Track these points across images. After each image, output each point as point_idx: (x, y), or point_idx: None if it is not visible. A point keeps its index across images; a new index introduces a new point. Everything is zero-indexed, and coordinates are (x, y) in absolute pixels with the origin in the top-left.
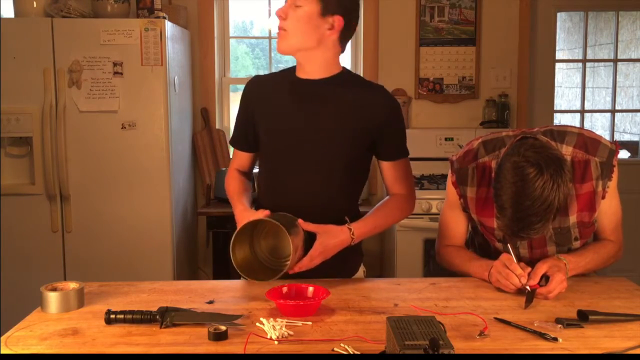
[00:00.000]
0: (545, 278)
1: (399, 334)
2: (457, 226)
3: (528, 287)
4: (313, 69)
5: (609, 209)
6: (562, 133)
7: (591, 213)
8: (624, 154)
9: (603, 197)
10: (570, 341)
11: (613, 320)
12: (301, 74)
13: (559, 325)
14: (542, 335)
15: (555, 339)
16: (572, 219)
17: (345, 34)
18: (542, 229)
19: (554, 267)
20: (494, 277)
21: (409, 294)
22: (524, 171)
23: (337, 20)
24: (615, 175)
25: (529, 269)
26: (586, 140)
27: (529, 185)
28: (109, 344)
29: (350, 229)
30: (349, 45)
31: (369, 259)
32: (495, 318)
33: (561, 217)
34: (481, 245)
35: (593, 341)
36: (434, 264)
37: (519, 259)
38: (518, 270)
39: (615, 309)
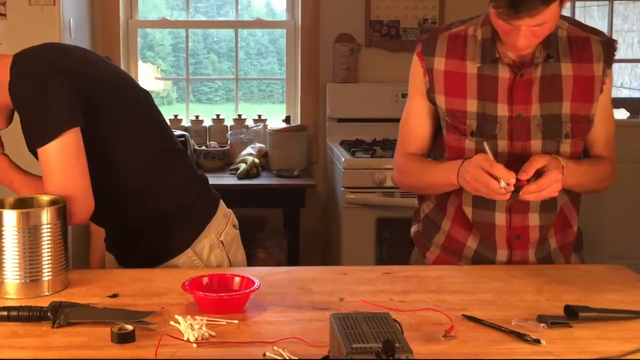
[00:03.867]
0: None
1: (346, 335)
2: (420, 127)
3: (513, 180)
4: None
5: (604, 111)
6: None
7: (587, 105)
8: (622, 114)
9: (602, 91)
10: (555, 344)
11: (608, 318)
12: None
13: (542, 324)
14: (522, 337)
15: (537, 341)
16: (566, 106)
17: None
18: None
19: (551, 163)
20: (470, 185)
21: (357, 285)
22: None
23: None
24: (611, 77)
25: (513, 173)
26: (580, 23)
27: None
28: None
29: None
30: None
31: (308, 242)
32: (464, 315)
33: (553, 102)
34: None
35: (583, 344)
36: (389, 248)
37: (496, 158)
38: (499, 170)
39: (612, 305)
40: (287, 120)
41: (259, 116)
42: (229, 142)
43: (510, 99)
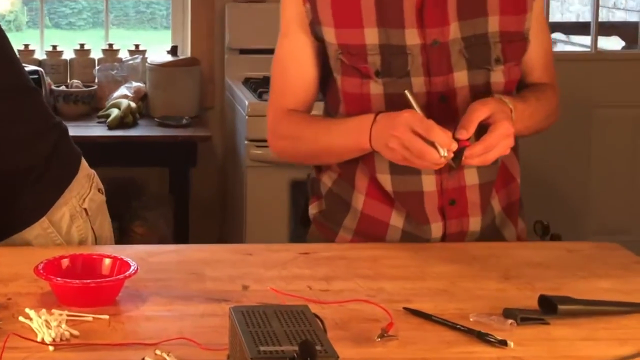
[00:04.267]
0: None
1: (251, 334)
2: (303, 73)
3: (455, 146)
4: None
5: (538, 24)
6: None
7: (520, 17)
8: (615, 43)
9: None
10: (527, 346)
11: (597, 313)
12: None
13: (509, 321)
14: (483, 337)
15: (503, 343)
16: (493, 22)
17: None
18: None
19: (497, 111)
20: (397, 154)
21: (266, 269)
22: None
23: None
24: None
25: (451, 135)
26: None
27: None
28: None
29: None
30: None
31: (201, 212)
32: (406, 309)
33: (476, 19)
34: None
35: (564, 346)
36: (308, 221)
37: (425, 112)
38: (437, 133)
39: (602, 295)
40: (173, 51)
41: (136, 46)
42: (96, 81)
43: (421, 21)
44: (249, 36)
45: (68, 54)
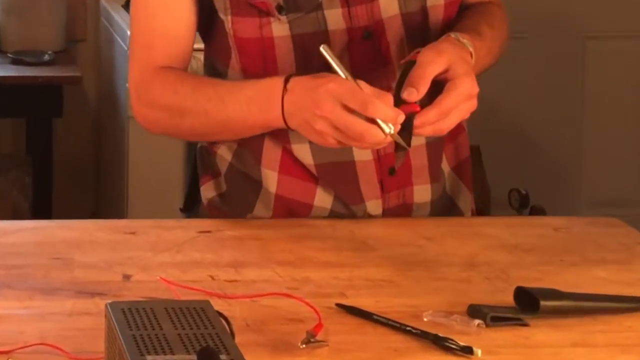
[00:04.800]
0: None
1: (134, 339)
2: (176, 19)
3: (402, 117)
4: None
5: None
6: None
7: None
8: None
9: None
10: (499, 354)
11: (591, 311)
12: None
13: (476, 321)
14: (440, 342)
15: (467, 350)
16: None
17: None
18: None
19: (457, 62)
20: (328, 139)
21: (155, 253)
22: None
23: None
24: None
25: (389, 97)
26: None
27: None
28: None
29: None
30: None
31: (69, 177)
32: (339, 305)
33: None
34: None
35: (548, 355)
36: (195, 206)
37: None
38: (380, 108)
39: (599, 287)
40: None
41: None
42: None
43: None
44: None
45: None
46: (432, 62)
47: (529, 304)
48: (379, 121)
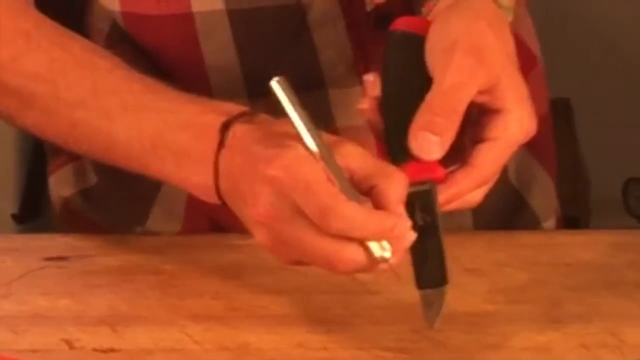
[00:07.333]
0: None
1: None
2: None
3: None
4: None
5: None
6: None
7: None
8: None
9: None
10: None
11: None
12: None
13: None
14: None
15: None
16: None
17: None
18: None
19: (503, 68)
20: (283, 257)
21: None
22: None
23: None
24: None
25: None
26: None
27: None
28: None
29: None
30: None
31: None
32: None
33: None
34: None
35: None
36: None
37: None
38: (368, 219)
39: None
40: None
41: None
42: None
43: None
44: None
45: None
46: (464, 80)
47: None
48: (376, 244)
